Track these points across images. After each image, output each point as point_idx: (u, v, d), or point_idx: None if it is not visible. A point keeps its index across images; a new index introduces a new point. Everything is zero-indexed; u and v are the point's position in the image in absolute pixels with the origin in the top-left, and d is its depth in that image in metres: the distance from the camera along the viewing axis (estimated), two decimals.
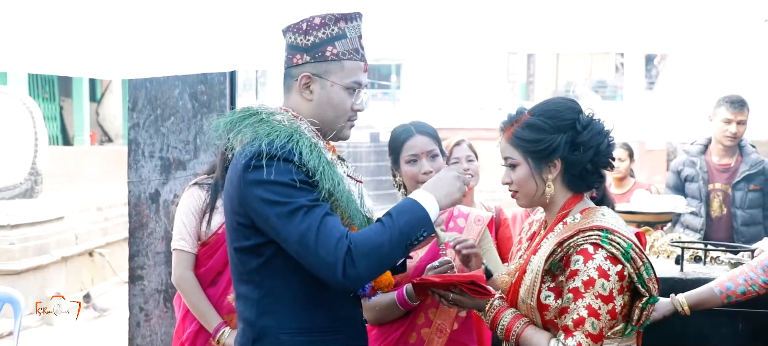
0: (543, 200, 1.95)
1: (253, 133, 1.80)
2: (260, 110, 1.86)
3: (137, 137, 3.69)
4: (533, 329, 1.89)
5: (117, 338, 6.42)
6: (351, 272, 1.69)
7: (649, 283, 1.83)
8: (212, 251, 2.76)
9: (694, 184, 4.36)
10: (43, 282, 7.55)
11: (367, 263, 1.71)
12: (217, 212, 2.75)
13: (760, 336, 2.83)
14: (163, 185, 3.68)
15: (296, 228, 1.71)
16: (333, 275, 1.70)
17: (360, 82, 1.91)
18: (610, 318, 1.79)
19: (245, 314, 1.88)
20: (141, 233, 3.73)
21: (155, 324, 3.74)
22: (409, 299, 2.37)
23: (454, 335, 2.48)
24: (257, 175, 1.73)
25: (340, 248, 1.69)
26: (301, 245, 1.71)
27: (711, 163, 4.35)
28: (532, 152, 1.91)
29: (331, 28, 1.85)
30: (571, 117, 1.90)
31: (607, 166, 1.96)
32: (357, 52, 1.90)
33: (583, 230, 1.83)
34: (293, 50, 1.89)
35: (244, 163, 1.76)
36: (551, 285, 1.87)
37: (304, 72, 1.87)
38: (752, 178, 4.24)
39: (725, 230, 4.31)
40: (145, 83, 3.67)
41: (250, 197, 1.75)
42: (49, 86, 12.37)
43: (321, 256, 1.69)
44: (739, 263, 2.97)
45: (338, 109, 1.90)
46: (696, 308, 2.50)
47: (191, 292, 2.73)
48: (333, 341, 1.87)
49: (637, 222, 3.76)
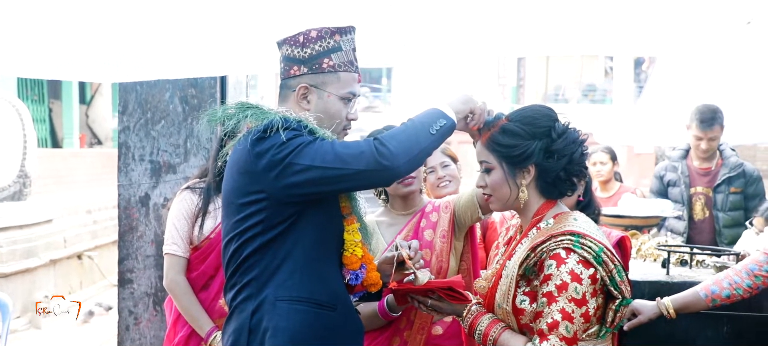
0: (517, 205, 1.98)
1: (261, 115, 1.88)
2: (260, 105, 1.95)
3: (127, 140, 3.69)
4: (510, 333, 1.92)
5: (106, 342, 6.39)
6: (389, 161, 1.80)
7: (621, 285, 1.86)
8: (204, 255, 2.76)
9: (676, 188, 4.44)
10: (31, 285, 7.50)
11: (397, 145, 1.82)
12: (209, 216, 2.76)
13: (745, 339, 2.86)
14: (153, 188, 3.68)
15: (327, 160, 1.81)
16: (377, 171, 1.81)
17: (354, 93, 2.00)
18: (583, 321, 1.82)
19: (242, 295, 1.93)
20: (130, 237, 3.72)
21: (145, 328, 3.73)
22: (390, 310, 2.39)
23: (438, 340, 2.50)
24: (269, 142, 1.82)
25: (367, 145, 1.82)
26: (343, 170, 1.81)
27: (692, 167, 4.43)
28: (506, 157, 1.94)
29: (328, 41, 1.94)
30: (546, 124, 1.93)
31: (580, 176, 2.00)
32: (352, 63, 1.98)
33: (555, 235, 1.86)
34: (290, 62, 1.96)
35: (254, 138, 1.84)
36: (526, 289, 1.90)
37: (302, 83, 1.95)
38: (732, 180, 4.31)
39: (708, 233, 4.38)
40: (136, 86, 3.67)
41: (269, 163, 1.82)
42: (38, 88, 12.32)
43: (357, 164, 1.80)
44: (725, 267, 3.00)
45: (334, 119, 1.97)
46: (681, 311, 2.53)
47: (183, 296, 2.74)
48: (328, 317, 1.93)
49: (625, 226, 3.79)
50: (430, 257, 2.44)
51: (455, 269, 2.50)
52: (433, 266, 2.44)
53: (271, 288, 1.89)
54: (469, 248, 2.58)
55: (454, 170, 2.90)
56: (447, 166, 2.90)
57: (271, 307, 1.88)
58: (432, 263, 2.44)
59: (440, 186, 2.84)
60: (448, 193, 2.78)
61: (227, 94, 3.71)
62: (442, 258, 2.45)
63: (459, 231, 2.52)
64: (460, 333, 2.52)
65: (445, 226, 2.48)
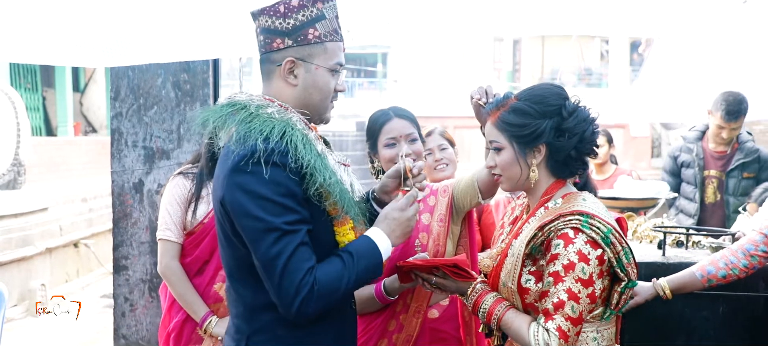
0: (527, 185, 1.96)
1: (245, 129, 1.75)
2: (248, 104, 1.82)
3: (120, 127, 3.67)
4: (514, 312, 1.90)
5: (102, 329, 6.39)
6: (304, 311, 1.71)
7: (628, 267, 1.84)
8: (198, 240, 2.75)
9: (690, 170, 4.41)
10: (27, 274, 7.49)
11: (322, 304, 1.73)
12: (202, 201, 2.74)
13: (741, 319, 2.87)
14: (147, 174, 3.67)
15: (267, 250, 1.70)
16: (288, 308, 1.71)
17: (341, 63, 1.90)
18: (589, 302, 1.81)
19: (239, 309, 1.86)
20: (125, 223, 3.71)
21: (140, 314, 3.73)
22: (388, 293, 2.38)
23: (435, 323, 2.49)
24: (245, 180, 1.71)
25: (304, 286, 1.70)
26: (267, 268, 1.71)
27: (707, 149, 4.39)
28: (517, 137, 1.91)
29: (310, 10, 1.82)
30: (557, 103, 1.90)
31: (591, 154, 1.97)
32: (336, 32, 1.88)
33: (564, 214, 1.84)
34: (271, 34, 1.83)
35: (234, 164, 1.72)
36: (532, 269, 1.89)
37: (288, 56, 1.83)
38: (747, 166, 4.29)
39: (718, 217, 4.35)
40: (128, 72, 3.64)
41: (232, 200, 1.73)
42: (32, 76, 12.25)
43: (284, 287, 1.69)
44: (721, 248, 3.00)
45: (324, 92, 1.87)
46: (678, 291, 2.53)
47: (177, 282, 2.73)
48: (322, 331, 1.86)
49: (621, 208, 3.79)
50: (426, 240, 2.43)
51: (452, 253, 2.49)
52: (430, 250, 2.42)
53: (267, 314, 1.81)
54: (466, 232, 2.56)
55: (452, 154, 2.89)
56: (445, 149, 2.89)
57: (272, 335, 1.82)
58: (429, 247, 2.43)
59: (437, 169, 2.83)
60: (444, 176, 2.77)
61: (220, 79, 3.68)
62: (439, 242, 2.43)
63: (457, 215, 2.50)
64: (457, 316, 2.52)
65: (442, 210, 2.47)
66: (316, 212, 1.79)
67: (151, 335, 3.68)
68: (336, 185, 1.79)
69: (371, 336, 2.47)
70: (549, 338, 1.78)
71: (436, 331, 2.48)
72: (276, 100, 1.85)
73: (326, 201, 1.79)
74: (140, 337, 3.73)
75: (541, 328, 1.81)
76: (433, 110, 15.06)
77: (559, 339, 1.78)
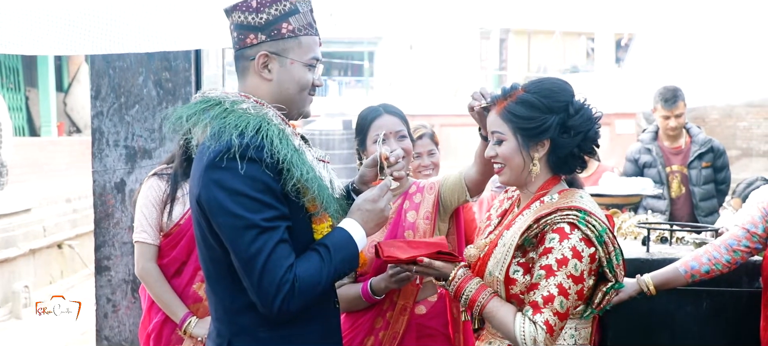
0: (527, 179, 1.94)
1: (220, 124, 1.72)
2: (223, 100, 1.79)
3: (101, 126, 3.63)
4: (499, 301, 1.89)
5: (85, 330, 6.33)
6: (286, 309, 1.68)
7: (617, 269, 1.85)
8: (175, 241, 2.72)
9: (653, 169, 4.60)
10: (10, 275, 7.42)
11: (303, 301, 1.70)
12: (177, 202, 2.71)
13: (724, 314, 2.88)
14: (129, 174, 3.63)
15: (246, 248, 1.67)
16: (268, 307, 1.68)
17: (318, 57, 1.87)
18: (577, 298, 1.81)
19: (219, 312, 1.83)
20: (107, 224, 3.67)
21: (123, 315, 3.69)
22: (374, 293, 2.37)
23: (422, 319, 2.48)
24: (221, 176, 1.68)
25: (285, 283, 1.67)
26: (247, 266, 1.68)
27: (664, 147, 4.64)
28: (522, 129, 1.89)
29: (283, 4, 1.80)
30: (565, 99, 1.89)
31: (592, 153, 1.96)
32: (311, 26, 1.85)
33: (561, 209, 1.83)
34: (245, 30, 1.81)
35: (209, 160, 1.69)
36: (521, 260, 1.88)
37: (262, 51, 1.80)
38: (703, 156, 4.55)
39: (686, 208, 4.59)
40: (108, 70, 3.60)
41: (208, 197, 1.70)
42: (15, 76, 12.12)
43: (263, 285, 1.67)
44: (704, 243, 3.01)
45: (300, 86, 1.85)
46: (661, 287, 2.54)
47: (155, 284, 2.70)
48: (305, 331, 1.83)
49: (606, 205, 3.79)
50: (412, 238, 2.42)
51: None
52: None
53: (247, 317, 1.78)
54: (454, 229, 2.56)
55: (438, 159, 2.92)
56: (433, 154, 2.91)
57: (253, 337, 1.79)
58: None
59: (423, 174, 2.86)
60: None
61: (202, 78, 3.65)
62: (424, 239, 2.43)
63: (444, 212, 2.49)
64: (445, 312, 2.51)
65: (428, 207, 2.46)
66: (294, 208, 1.76)
67: (134, 336, 3.64)
68: (314, 181, 1.77)
69: (357, 333, 2.46)
70: (536, 331, 1.78)
71: (423, 327, 2.48)
72: (252, 96, 1.82)
73: (304, 197, 1.77)
74: (123, 338, 3.69)
75: (527, 320, 1.80)
76: (420, 109, 15.06)
77: (545, 333, 1.77)
